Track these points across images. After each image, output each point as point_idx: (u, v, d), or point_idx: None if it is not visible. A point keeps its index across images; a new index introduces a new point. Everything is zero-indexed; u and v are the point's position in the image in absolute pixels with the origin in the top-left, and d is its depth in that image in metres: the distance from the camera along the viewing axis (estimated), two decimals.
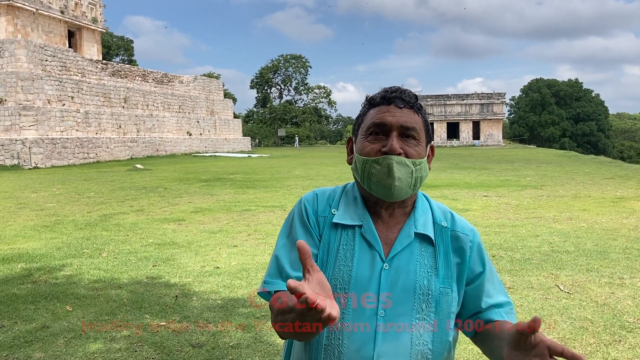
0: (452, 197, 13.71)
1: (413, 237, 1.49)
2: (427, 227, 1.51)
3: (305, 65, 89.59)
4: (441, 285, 1.46)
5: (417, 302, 1.44)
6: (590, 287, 5.78)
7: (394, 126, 1.46)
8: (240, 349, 4.32)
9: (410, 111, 1.49)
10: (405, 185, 1.45)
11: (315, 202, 1.56)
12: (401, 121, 1.47)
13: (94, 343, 4.46)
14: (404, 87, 1.55)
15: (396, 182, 1.43)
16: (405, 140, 1.47)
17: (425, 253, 1.48)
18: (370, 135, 1.49)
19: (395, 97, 1.50)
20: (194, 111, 47.27)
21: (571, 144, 74.18)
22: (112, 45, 69.52)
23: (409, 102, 1.50)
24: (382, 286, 1.43)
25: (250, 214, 11.53)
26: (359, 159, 1.49)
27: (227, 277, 6.45)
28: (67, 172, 24.14)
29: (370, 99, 1.55)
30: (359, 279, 1.44)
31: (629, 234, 8.55)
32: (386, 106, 1.50)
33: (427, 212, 1.55)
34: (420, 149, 1.49)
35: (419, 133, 1.49)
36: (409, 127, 1.47)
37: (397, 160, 1.43)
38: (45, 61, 31.38)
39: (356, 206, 1.53)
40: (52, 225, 10.21)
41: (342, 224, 1.51)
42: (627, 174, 19.70)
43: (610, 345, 4.26)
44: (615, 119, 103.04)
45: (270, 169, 25.48)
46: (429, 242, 1.50)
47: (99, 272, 6.78)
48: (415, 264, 1.46)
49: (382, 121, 1.47)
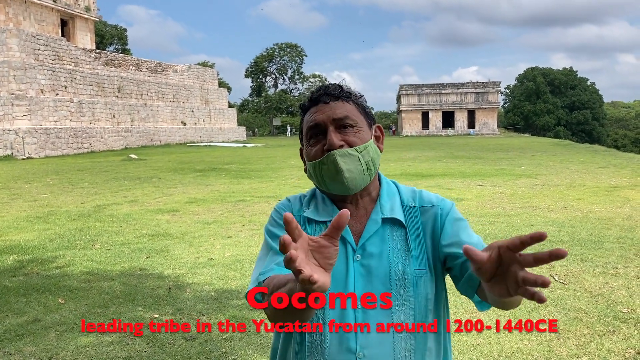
0: (447, 187, 13.70)
1: (380, 223, 1.47)
2: (394, 211, 1.50)
3: (300, 54, 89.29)
4: (416, 267, 1.45)
5: (395, 289, 1.42)
6: (585, 277, 5.78)
7: (326, 122, 1.47)
8: (233, 342, 4.30)
9: (338, 102, 1.50)
10: (357, 174, 1.45)
11: (289, 206, 1.58)
12: (332, 115, 1.47)
13: (86, 336, 4.43)
14: (328, 83, 1.57)
15: (346, 174, 1.43)
16: (344, 131, 1.47)
17: (397, 237, 1.47)
18: (311, 139, 1.51)
19: (320, 95, 1.51)
20: (189, 100, 47.05)
21: (566, 133, 74.28)
22: (105, 34, 69.02)
23: (334, 94, 1.50)
24: (357, 277, 1.43)
25: (245, 204, 11.49)
26: (310, 165, 1.52)
27: (221, 269, 6.42)
28: (61, 162, 24.01)
29: (301, 106, 1.58)
30: (334, 274, 1.41)
31: (623, 223, 8.56)
32: (315, 107, 1.51)
33: (394, 195, 1.54)
34: (362, 134, 1.49)
35: (355, 119, 1.49)
36: (341, 117, 1.47)
37: (340, 153, 1.43)
38: (37, 50, 31.11)
39: (325, 204, 1.54)
40: (45, 217, 10.15)
41: (315, 220, 1.52)
42: (622, 163, 19.72)
43: (604, 336, 4.26)
44: (610, 107, 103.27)
45: (266, 159, 25.42)
46: (399, 226, 1.49)
47: (91, 263, 6.74)
48: (388, 250, 1.45)
49: (315, 121, 1.49)
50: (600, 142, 66.42)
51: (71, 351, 4.15)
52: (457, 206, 1.59)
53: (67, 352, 4.13)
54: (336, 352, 1.40)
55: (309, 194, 1.60)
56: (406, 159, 24.09)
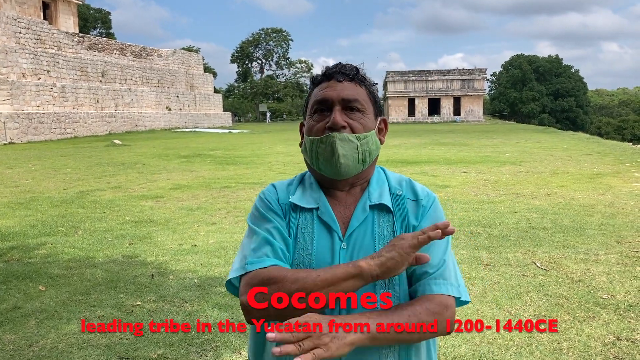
0: (432, 174, 13.73)
1: (369, 211, 1.46)
2: (382, 197, 1.48)
3: (286, 39, 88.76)
4: None
5: None
6: (567, 264, 5.83)
7: (335, 100, 1.44)
8: (215, 328, 4.28)
9: (352, 84, 1.46)
10: (351, 161, 1.42)
11: (275, 193, 1.53)
12: (342, 94, 1.44)
13: (67, 324, 4.39)
14: (346, 63, 1.52)
15: (341, 159, 1.41)
16: (350, 114, 1.44)
17: (383, 223, 1.46)
18: (315, 114, 1.47)
19: (335, 72, 1.47)
20: (173, 86, 46.63)
21: (550, 120, 74.79)
22: (89, 18, 68.01)
23: (349, 74, 1.47)
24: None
25: (230, 190, 11.44)
26: (307, 140, 1.48)
27: (205, 256, 6.38)
28: (44, 147, 23.72)
29: (312, 78, 1.53)
30: (319, 262, 1.41)
31: (604, 210, 8.64)
32: (326, 82, 1.47)
33: (383, 183, 1.53)
34: (367, 121, 1.46)
35: (364, 105, 1.46)
36: (351, 99, 1.44)
37: (340, 137, 1.40)
38: (19, 33, 30.57)
39: (312, 190, 1.51)
40: (27, 203, 10.02)
41: (300, 206, 1.48)
42: (604, 150, 19.90)
43: (585, 322, 4.30)
44: (594, 95, 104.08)
45: (251, 145, 25.31)
46: (387, 212, 1.47)
47: (74, 250, 6.67)
48: (374, 237, 1.44)
49: (323, 97, 1.45)
50: (584, 129, 67.00)
51: (51, 339, 4.11)
52: (441, 193, 1.59)
53: (47, 340, 4.09)
54: None
55: (297, 179, 1.57)
56: (392, 146, 24.11)
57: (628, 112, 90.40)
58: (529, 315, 4.45)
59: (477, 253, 6.30)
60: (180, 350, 3.90)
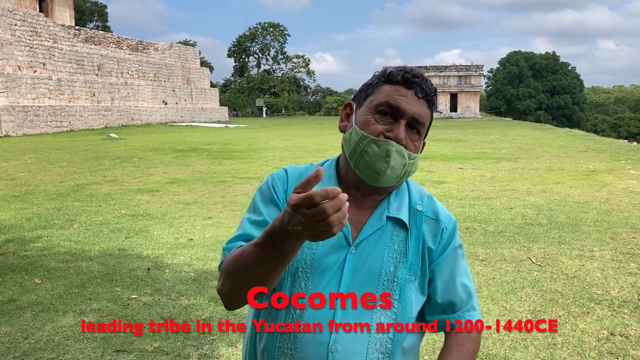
0: (428, 169, 13.75)
1: (385, 221, 1.42)
2: (401, 211, 1.44)
3: (283, 33, 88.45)
4: (407, 272, 1.40)
5: (381, 288, 1.38)
6: (561, 260, 5.86)
7: (406, 115, 1.37)
8: (212, 322, 4.29)
9: (426, 104, 1.41)
10: (394, 175, 1.38)
11: (285, 180, 1.47)
12: (416, 113, 1.38)
13: (63, 317, 4.39)
14: (425, 75, 1.45)
15: (389, 170, 1.35)
16: (410, 133, 1.39)
17: (396, 238, 1.42)
18: (378, 114, 1.39)
19: (417, 84, 1.40)
20: (170, 80, 46.49)
21: (546, 117, 74.90)
22: (85, 11, 67.69)
23: (428, 93, 1.42)
24: (346, 270, 1.37)
25: (227, 185, 11.44)
26: (357, 132, 1.39)
27: (201, 249, 6.39)
28: (39, 140, 23.64)
29: (389, 74, 1.43)
30: (322, 262, 1.38)
31: (599, 207, 8.68)
32: (405, 89, 1.39)
33: (404, 195, 1.48)
34: (419, 145, 1.43)
35: (425, 129, 1.43)
36: (420, 121, 1.40)
37: (397, 148, 1.35)
38: (14, 26, 30.42)
39: (329, 184, 1.43)
40: (23, 195, 10.00)
41: None
42: (600, 147, 19.97)
43: (579, 317, 4.33)
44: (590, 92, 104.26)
45: (248, 140, 25.28)
46: (402, 227, 1.43)
47: (69, 243, 6.66)
48: (385, 248, 1.40)
49: (397, 104, 1.37)
50: (580, 126, 67.10)
51: (47, 331, 4.11)
52: (437, 189, 1.58)
53: (43, 333, 4.09)
54: (309, 343, 1.35)
55: (314, 168, 1.49)
56: None
57: (624, 109, 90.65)
58: (524, 311, 4.47)
59: (473, 249, 6.32)
60: (176, 344, 3.91)
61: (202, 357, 3.74)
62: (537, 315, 4.39)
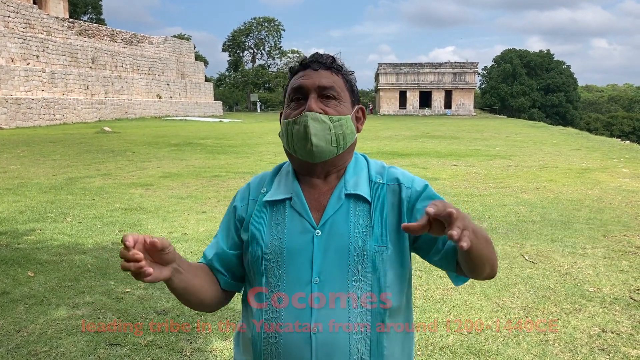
0: (423, 166, 13.78)
1: (344, 199, 1.47)
2: (359, 187, 1.48)
3: (278, 28, 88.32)
4: (376, 243, 1.43)
5: (353, 264, 1.42)
6: (554, 257, 5.89)
7: (310, 88, 1.45)
8: (205, 316, 4.29)
9: (328, 72, 1.49)
10: (324, 142, 1.43)
11: (247, 191, 1.59)
12: (317, 82, 1.46)
13: (56, 310, 4.38)
14: (323, 52, 1.55)
15: (313, 138, 1.41)
16: (326, 101, 1.46)
17: (359, 212, 1.46)
18: (292, 102, 1.49)
19: (312, 61, 1.50)
20: (164, 73, 46.32)
21: (540, 115, 75.16)
22: (79, 3, 67.23)
23: (325, 63, 1.49)
24: (316, 252, 1.42)
25: (220, 179, 11.42)
26: (283, 123, 1.51)
27: (195, 244, 6.38)
28: (32, 133, 23.51)
29: (290, 68, 1.55)
30: (290, 249, 1.43)
31: (592, 205, 8.73)
32: (303, 71, 1.49)
33: (362, 171, 1.53)
34: (343, 109, 1.48)
35: (340, 92, 1.48)
36: (327, 86, 1.46)
37: (312, 116, 1.42)
38: (7, 17, 30.21)
39: (287, 180, 1.53)
40: (15, 189, 9.95)
41: (272, 201, 1.51)
42: (593, 146, 20.05)
43: (571, 314, 4.36)
44: (584, 90, 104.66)
45: (242, 134, 25.24)
46: (364, 201, 1.47)
47: (63, 237, 6.64)
48: (349, 225, 1.44)
49: (299, 85, 1.47)
50: (574, 125, 67.35)
51: (40, 324, 4.10)
52: (431, 186, 1.57)
53: (36, 326, 4.08)
54: (291, 328, 1.40)
55: (273, 170, 1.59)
56: (383, 138, 24.14)
57: (617, 108, 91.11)
58: (516, 307, 4.50)
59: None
60: (170, 337, 3.91)
61: (195, 351, 3.74)
62: (529, 312, 4.41)
